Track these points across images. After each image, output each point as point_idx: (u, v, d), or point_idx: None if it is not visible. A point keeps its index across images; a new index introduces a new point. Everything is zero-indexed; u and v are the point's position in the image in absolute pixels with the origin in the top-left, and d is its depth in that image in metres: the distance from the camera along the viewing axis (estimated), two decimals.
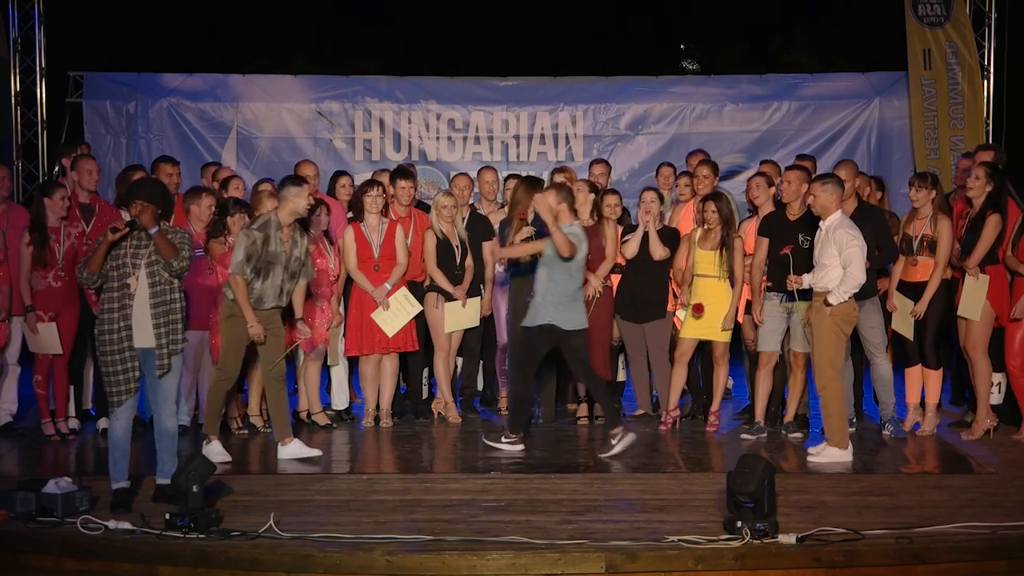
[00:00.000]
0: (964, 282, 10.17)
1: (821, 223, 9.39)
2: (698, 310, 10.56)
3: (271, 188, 10.58)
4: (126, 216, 10.65)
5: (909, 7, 15.84)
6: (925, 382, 10.51)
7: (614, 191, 11.37)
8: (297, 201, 9.50)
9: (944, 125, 15.70)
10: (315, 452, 9.76)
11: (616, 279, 11.08)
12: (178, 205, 10.86)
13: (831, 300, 9.21)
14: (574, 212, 10.01)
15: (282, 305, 9.64)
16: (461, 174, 12.10)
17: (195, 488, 7.40)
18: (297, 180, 9.75)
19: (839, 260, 9.19)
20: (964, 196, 10.46)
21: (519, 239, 10.79)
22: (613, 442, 9.72)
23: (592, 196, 11.00)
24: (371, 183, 11.06)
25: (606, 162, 12.43)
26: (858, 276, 9.19)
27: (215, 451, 9.38)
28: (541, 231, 10.76)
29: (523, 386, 10.13)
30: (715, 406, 10.81)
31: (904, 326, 10.41)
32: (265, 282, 9.42)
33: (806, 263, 9.64)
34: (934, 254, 10.22)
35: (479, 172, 12.10)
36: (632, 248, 10.91)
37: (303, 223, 9.84)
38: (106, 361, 8.10)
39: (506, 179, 11.89)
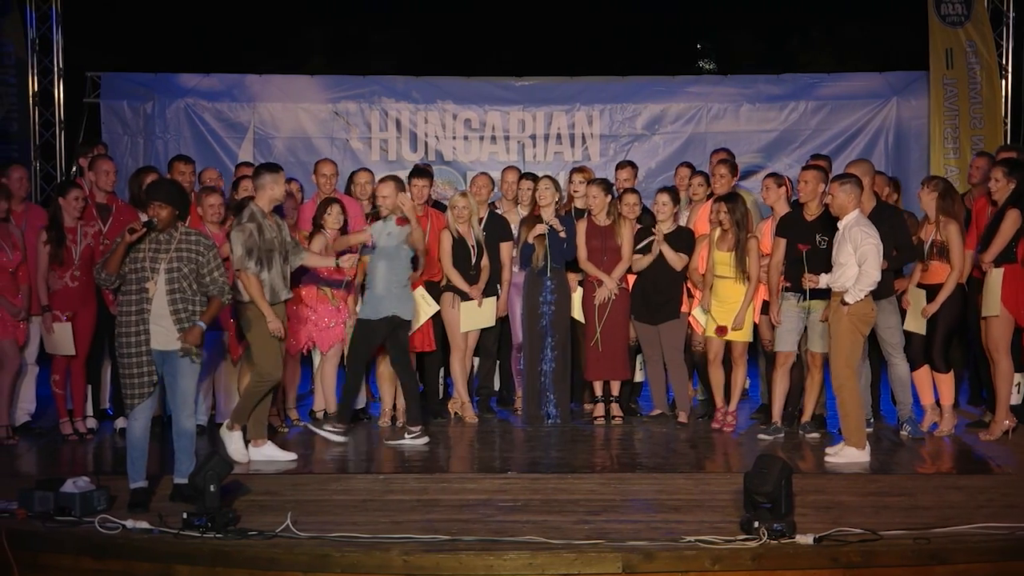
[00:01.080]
0: (985, 280, 10.15)
1: (839, 223, 9.37)
2: (721, 332, 10.56)
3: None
4: (143, 217, 10.71)
5: (932, 6, 15.80)
6: (937, 385, 10.47)
7: (633, 190, 11.35)
8: (275, 188, 9.42)
9: (965, 125, 15.65)
10: (290, 456, 9.65)
11: (632, 279, 11.06)
12: (193, 205, 10.93)
13: (847, 299, 9.20)
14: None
15: (290, 295, 9.62)
16: (481, 173, 12.11)
17: (212, 488, 7.42)
18: (273, 167, 9.64)
19: (855, 258, 9.18)
20: (988, 196, 10.43)
21: (532, 236, 10.79)
22: (407, 436, 10.20)
23: (609, 198, 10.99)
24: None
25: (632, 165, 12.34)
26: (873, 274, 9.17)
27: (235, 446, 9.42)
28: (559, 230, 10.78)
29: (357, 379, 10.44)
30: (732, 406, 10.79)
31: (917, 324, 10.38)
32: (271, 271, 9.33)
33: (824, 263, 9.62)
34: (943, 258, 10.20)
35: (503, 172, 12.08)
36: (642, 265, 10.89)
37: (276, 208, 9.81)
38: (124, 363, 8.11)
39: (519, 178, 11.86)
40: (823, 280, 9.48)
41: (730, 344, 10.70)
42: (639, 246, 10.96)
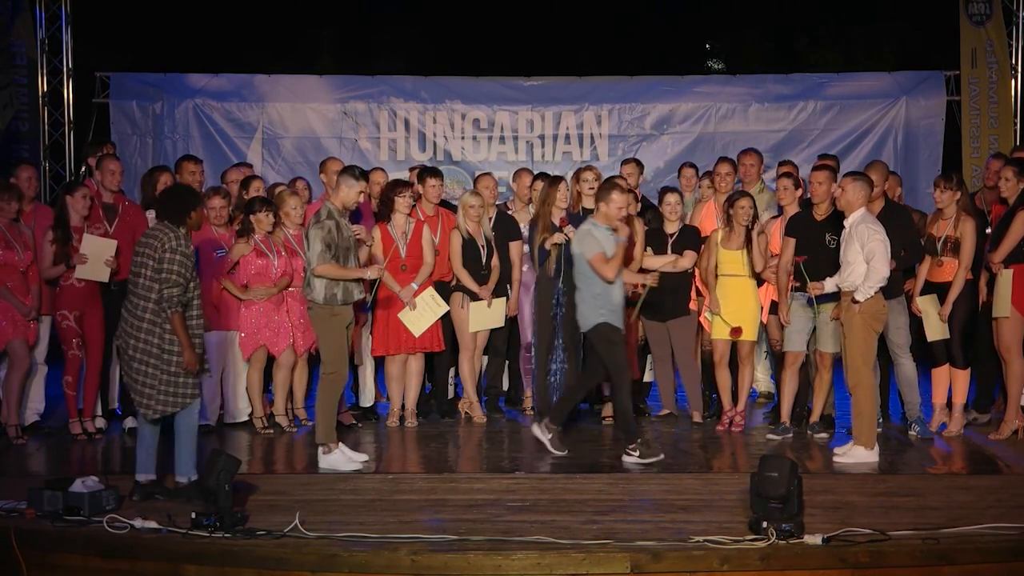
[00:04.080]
0: (996, 282, 10.13)
1: (845, 221, 9.37)
2: (736, 332, 10.55)
3: (290, 189, 10.76)
4: (151, 217, 10.74)
5: (962, 5, 15.82)
6: (953, 382, 10.45)
7: (628, 190, 11.33)
8: (350, 192, 9.36)
9: (985, 124, 15.67)
10: (361, 457, 9.55)
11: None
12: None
13: (858, 297, 9.18)
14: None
15: (363, 295, 9.60)
16: (485, 174, 12.11)
17: (227, 487, 7.42)
18: (356, 173, 9.54)
19: (863, 256, 9.17)
20: (999, 197, 10.42)
21: (549, 243, 10.74)
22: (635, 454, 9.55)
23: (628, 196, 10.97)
24: (404, 184, 11.01)
25: (636, 161, 12.35)
26: (881, 270, 9.16)
27: (339, 459, 9.30)
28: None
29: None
30: (741, 406, 10.77)
31: (940, 331, 10.35)
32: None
33: (831, 264, 9.61)
34: (956, 255, 10.19)
35: (516, 174, 12.07)
36: (657, 264, 10.87)
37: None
38: (171, 371, 8.18)
39: (534, 178, 11.86)
40: (828, 284, 9.48)
41: (737, 344, 10.68)
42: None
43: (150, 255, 8.13)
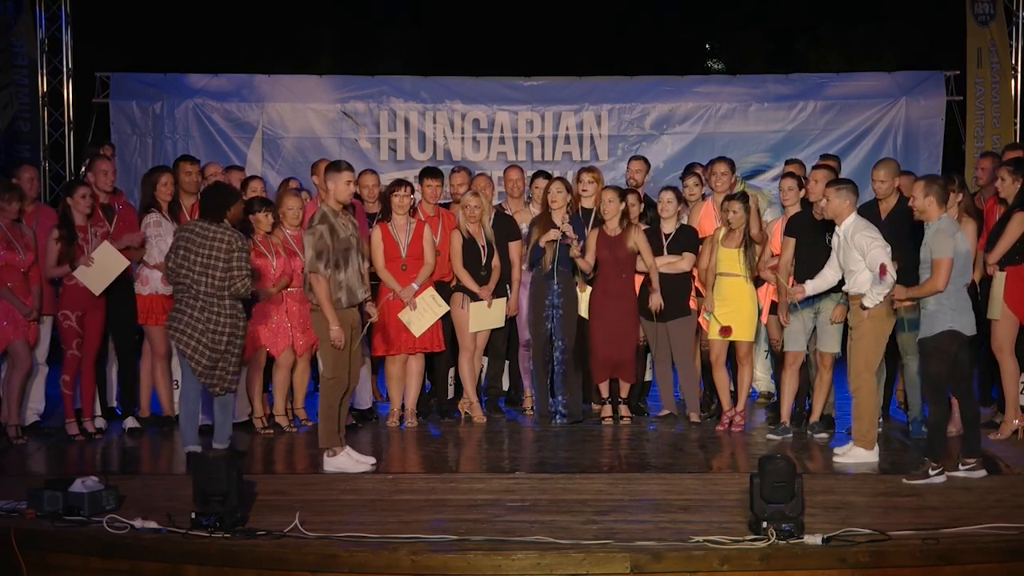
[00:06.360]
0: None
1: (837, 228, 9.36)
2: (726, 332, 10.54)
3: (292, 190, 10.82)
4: (152, 219, 10.73)
5: (968, 4, 15.82)
6: None
7: (633, 191, 11.33)
8: (339, 186, 9.29)
9: (989, 124, 15.68)
10: (367, 460, 9.49)
11: (640, 278, 11.04)
12: (197, 204, 10.95)
13: (866, 303, 9.15)
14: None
15: (367, 295, 9.60)
16: (480, 175, 12.11)
17: (238, 486, 7.42)
18: (335, 166, 9.49)
19: (865, 263, 9.16)
20: (996, 197, 10.41)
21: (544, 240, 10.75)
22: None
23: (623, 205, 10.90)
24: (400, 183, 11.00)
25: (643, 159, 12.32)
26: (888, 278, 9.14)
27: (345, 462, 9.29)
28: (571, 238, 10.73)
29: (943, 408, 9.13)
30: (740, 405, 10.77)
31: None
32: (348, 271, 9.24)
33: (817, 266, 9.63)
34: None
35: (505, 171, 12.09)
36: (663, 262, 10.87)
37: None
38: (235, 352, 9.31)
39: (533, 177, 11.86)
40: (809, 287, 9.54)
41: (735, 344, 10.68)
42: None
43: (219, 256, 9.11)
